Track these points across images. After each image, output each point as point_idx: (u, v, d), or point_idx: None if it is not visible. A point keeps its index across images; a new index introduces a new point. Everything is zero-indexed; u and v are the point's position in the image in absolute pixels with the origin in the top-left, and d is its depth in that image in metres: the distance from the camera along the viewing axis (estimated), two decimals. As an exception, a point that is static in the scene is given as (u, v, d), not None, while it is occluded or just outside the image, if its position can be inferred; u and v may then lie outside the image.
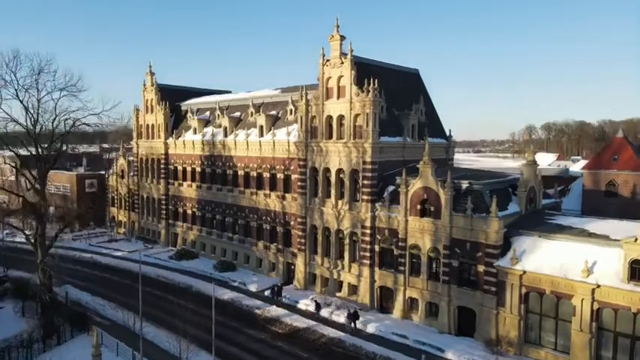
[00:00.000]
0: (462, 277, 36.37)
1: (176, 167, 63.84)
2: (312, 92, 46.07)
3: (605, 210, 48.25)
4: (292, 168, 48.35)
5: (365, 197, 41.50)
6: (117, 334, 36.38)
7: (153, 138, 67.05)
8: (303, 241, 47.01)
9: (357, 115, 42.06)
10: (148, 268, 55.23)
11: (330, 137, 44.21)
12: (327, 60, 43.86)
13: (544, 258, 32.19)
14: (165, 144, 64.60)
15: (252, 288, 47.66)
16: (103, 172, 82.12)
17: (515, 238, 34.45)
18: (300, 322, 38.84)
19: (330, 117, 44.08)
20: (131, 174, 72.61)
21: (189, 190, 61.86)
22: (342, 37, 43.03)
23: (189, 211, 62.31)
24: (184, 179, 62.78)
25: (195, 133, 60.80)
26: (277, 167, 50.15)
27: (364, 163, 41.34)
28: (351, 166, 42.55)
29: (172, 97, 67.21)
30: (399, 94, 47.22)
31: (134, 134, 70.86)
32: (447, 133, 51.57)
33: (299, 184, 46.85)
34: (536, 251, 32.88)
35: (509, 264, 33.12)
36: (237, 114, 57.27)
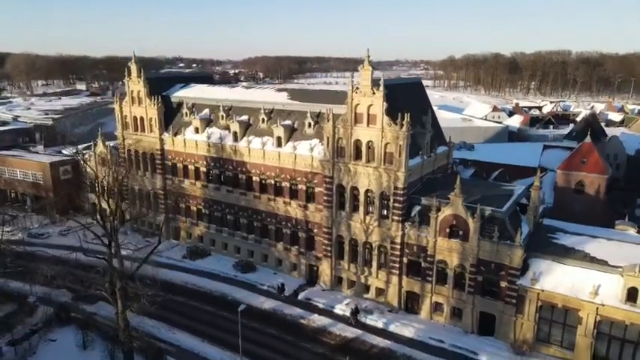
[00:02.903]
0: (485, 288, 43.88)
1: (175, 164, 63.67)
2: (333, 107, 48.53)
3: (574, 205, 58.04)
4: (316, 182, 51.60)
5: (396, 218, 46.66)
6: (193, 363, 40.06)
7: (143, 131, 65.36)
8: (329, 248, 51.74)
9: (387, 143, 45.87)
10: (167, 271, 57.37)
11: (357, 158, 47.83)
12: (357, 88, 46.32)
13: (558, 280, 40.26)
14: (161, 140, 63.67)
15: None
16: (75, 156, 78.26)
17: (533, 260, 42.09)
18: (348, 332, 44.83)
19: (358, 141, 47.39)
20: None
21: (192, 187, 62.63)
22: (374, 68, 45.49)
23: (193, 208, 63.57)
24: (186, 176, 63.13)
25: (197, 132, 60.57)
26: (298, 179, 52.96)
27: (396, 188, 45.98)
28: (381, 188, 46.97)
29: (156, 86, 65.12)
30: (410, 109, 50.89)
31: (118, 125, 68.16)
32: (447, 140, 57.19)
33: (324, 197, 50.56)
34: (551, 273, 40.83)
35: (530, 283, 40.93)
36: (245, 117, 57.86)
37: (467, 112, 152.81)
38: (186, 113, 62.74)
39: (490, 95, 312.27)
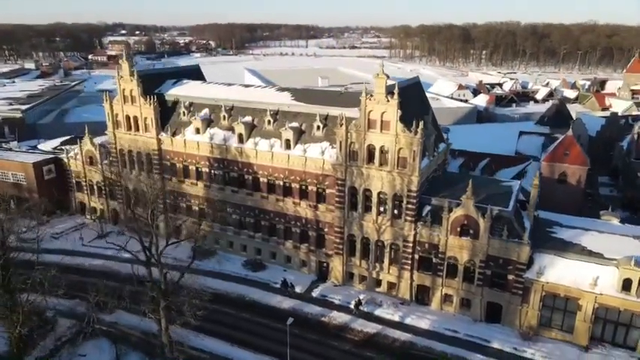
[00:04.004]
0: (493, 281, 47.89)
1: (174, 164, 63.10)
2: (341, 110, 50.06)
3: (557, 193, 63.07)
4: (327, 183, 53.19)
5: (409, 218, 49.42)
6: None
7: (137, 131, 63.95)
8: (340, 246, 54.03)
9: (401, 148, 48.03)
10: (177, 273, 57.86)
11: (370, 162, 49.78)
12: (371, 95, 47.82)
13: (561, 272, 44.74)
14: (159, 140, 62.73)
15: (297, 289, 54.21)
16: (58, 155, 75.34)
17: (537, 255, 46.29)
18: (369, 328, 47.77)
19: (371, 145, 49.22)
20: (105, 162, 69.12)
21: (194, 187, 62.53)
22: (387, 76, 47.04)
23: (195, 207, 63.62)
24: (186, 176, 62.83)
25: (197, 133, 60.14)
26: (309, 180, 54.24)
27: (409, 191, 48.51)
28: (394, 190, 49.35)
29: (147, 82, 63.55)
30: (414, 112, 53.09)
31: (109, 124, 66.15)
32: (444, 136, 60.09)
33: (337, 199, 52.41)
34: (554, 267, 45.22)
35: (535, 276, 45.22)
36: (249, 118, 57.98)
37: (433, 90, 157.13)
38: (184, 112, 61.92)
39: (445, 67, 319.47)
